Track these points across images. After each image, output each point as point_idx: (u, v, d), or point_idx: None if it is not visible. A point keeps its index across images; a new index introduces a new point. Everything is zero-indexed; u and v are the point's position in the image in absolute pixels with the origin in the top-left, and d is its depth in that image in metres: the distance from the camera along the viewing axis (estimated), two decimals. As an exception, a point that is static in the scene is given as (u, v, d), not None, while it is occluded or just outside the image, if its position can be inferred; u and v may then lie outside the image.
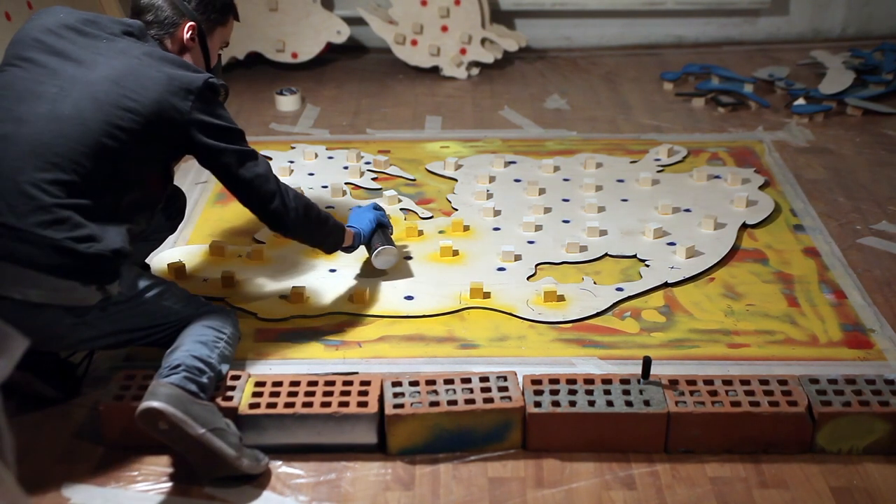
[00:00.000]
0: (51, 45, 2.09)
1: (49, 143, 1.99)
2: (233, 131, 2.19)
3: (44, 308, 2.00)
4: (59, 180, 1.98)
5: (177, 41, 2.23)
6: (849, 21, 4.63)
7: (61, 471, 2.05)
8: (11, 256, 1.95)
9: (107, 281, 2.03)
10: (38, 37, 2.11)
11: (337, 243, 2.49)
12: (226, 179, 2.23)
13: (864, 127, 3.69)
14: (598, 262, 2.77)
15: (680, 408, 2.06)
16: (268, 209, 2.26)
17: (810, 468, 2.05)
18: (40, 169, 1.98)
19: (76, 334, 2.09)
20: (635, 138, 3.60)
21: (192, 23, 2.23)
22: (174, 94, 2.08)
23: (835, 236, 2.90)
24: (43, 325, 2.02)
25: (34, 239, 1.95)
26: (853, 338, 2.44)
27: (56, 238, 1.95)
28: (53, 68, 2.07)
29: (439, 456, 2.09)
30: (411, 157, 3.43)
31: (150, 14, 2.21)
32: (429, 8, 4.17)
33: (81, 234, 1.98)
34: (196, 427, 1.93)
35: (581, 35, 4.60)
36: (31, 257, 1.95)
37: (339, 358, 2.37)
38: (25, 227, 1.94)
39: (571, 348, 2.41)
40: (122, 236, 2.05)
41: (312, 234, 2.42)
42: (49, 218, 1.96)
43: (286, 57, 4.27)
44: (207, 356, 2.08)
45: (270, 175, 2.24)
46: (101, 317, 2.08)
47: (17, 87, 2.06)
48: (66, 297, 2.00)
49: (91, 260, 1.99)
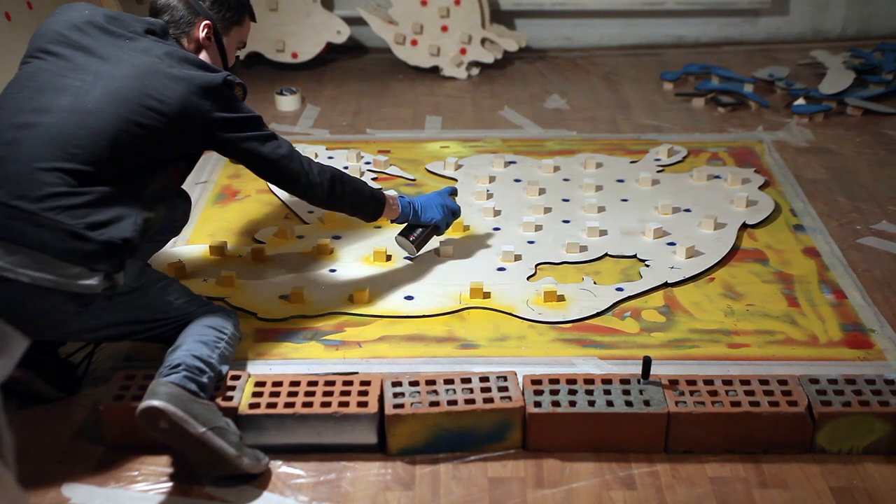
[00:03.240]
0: (75, 41, 2.13)
1: (70, 135, 2.03)
2: (252, 120, 2.25)
3: (49, 293, 2.00)
4: (77, 171, 2.01)
5: (193, 40, 2.28)
6: (849, 21, 4.63)
7: (61, 471, 2.05)
8: (23, 239, 1.96)
9: (114, 270, 2.04)
10: (62, 31, 2.14)
11: (376, 213, 2.53)
12: (252, 164, 2.30)
13: (864, 127, 3.69)
14: (598, 262, 2.77)
15: (680, 408, 2.06)
16: (297, 186, 2.34)
17: (810, 468, 2.05)
18: (59, 158, 2.01)
19: (78, 323, 2.09)
20: (635, 138, 3.60)
21: (207, 21, 2.28)
22: (196, 94, 2.12)
23: (835, 236, 2.90)
24: (46, 311, 2.02)
25: (46, 222, 1.97)
26: (853, 338, 2.44)
27: (68, 223, 1.97)
28: (77, 63, 2.11)
29: (439, 456, 2.09)
30: (411, 157, 3.43)
31: (167, 14, 2.26)
32: (429, 8, 4.18)
33: (95, 221, 2.00)
34: (196, 426, 1.93)
35: (581, 35, 4.60)
36: (42, 241, 1.97)
37: (339, 358, 2.37)
38: (38, 211, 1.97)
39: (571, 348, 2.41)
40: (136, 226, 2.07)
41: (344, 205, 2.47)
42: (62, 203, 1.98)
43: (286, 57, 4.28)
44: (208, 356, 2.08)
45: (294, 154, 2.31)
46: (105, 306, 2.09)
47: (39, 79, 2.09)
48: (72, 284, 2.01)
49: (102, 246, 2.00)
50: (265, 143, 2.27)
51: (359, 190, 2.47)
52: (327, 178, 2.36)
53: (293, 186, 2.35)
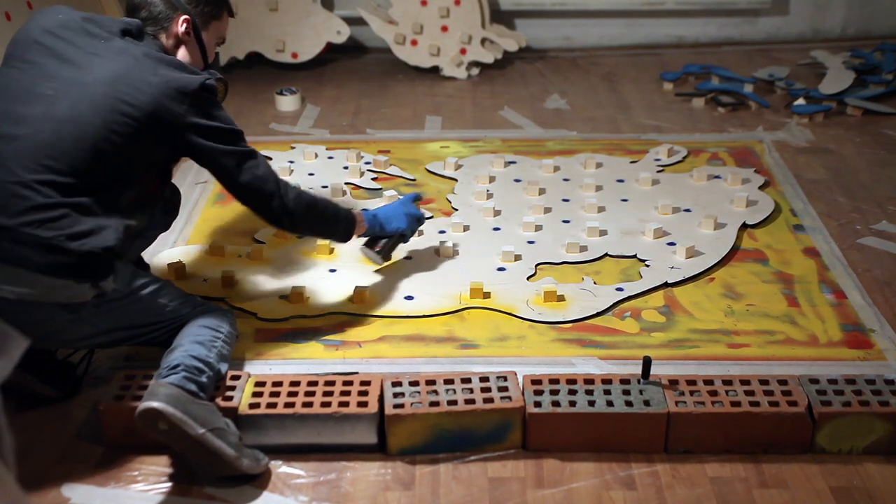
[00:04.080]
0: (49, 46, 2.09)
1: (45, 145, 2.00)
2: (230, 132, 2.17)
3: (38, 305, 2.00)
4: (54, 182, 1.99)
5: (172, 35, 2.22)
6: (849, 21, 4.63)
7: (61, 471, 2.05)
8: (3, 256, 1.96)
9: (100, 277, 2.04)
10: (36, 38, 2.11)
11: (348, 233, 2.45)
12: (224, 180, 2.22)
13: (864, 127, 3.69)
14: (598, 262, 2.77)
15: (680, 408, 2.06)
16: (266, 210, 2.25)
17: (810, 468, 2.05)
18: (34, 170, 1.98)
19: (72, 331, 2.09)
20: (635, 138, 3.60)
21: (185, 16, 2.22)
22: (170, 97, 2.07)
23: (835, 236, 2.90)
24: (38, 323, 2.02)
25: (25, 238, 1.95)
26: (853, 338, 2.44)
27: (47, 237, 1.96)
28: (49, 70, 2.06)
29: (439, 456, 2.09)
30: (411, 157, 3.43)
31: (144, 10, 2.20)
32: (429, 8, 4.17)
33: (74, 232, 1.98)
34: (196, 427, 1.93)
35: (581, 35, 4.60)
36: (23, 257, 1.96)
37: (339, 358, 2.37)
38: (16, 227, 1.95)
39: (571, 348, 2.41)
40: (117, 233, 2.04)
41: (317, 230, 2.44)
42: (41, 217, 1.96)
43: (286, 57, 4.27)
44: (206, 356, 2.08)
45: (270, 175, 2.22)
46: (96, 313, 2.09)
47: (13, 89, 2.06)
48: (59, 295, 2.01)
49: (83, 257, 1.99)
50: (242, 160, 2.18)
51: (334, 212, 2.39)
52: (303, 204, 2.27)
53: (263, 210, 2.25)
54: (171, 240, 2.87)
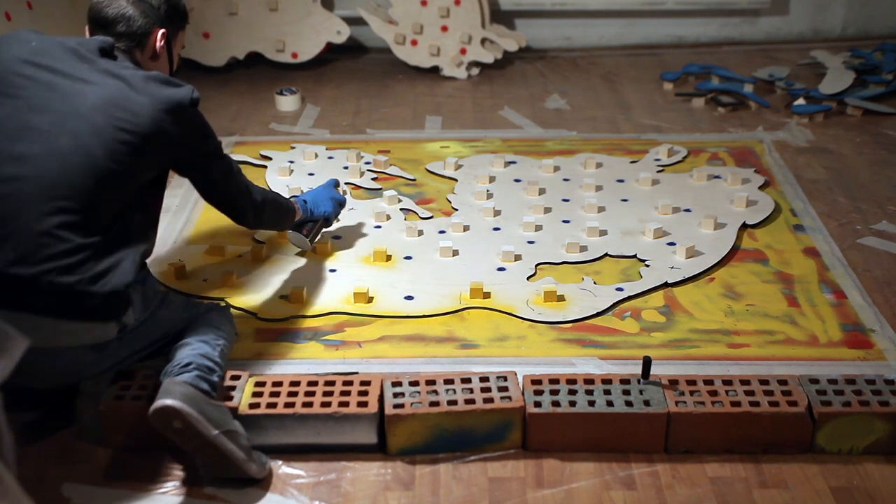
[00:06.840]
0: (30, 77, 1.99)
1: (55, 184, 1.93)
2: (217, 144, 2.21)
3: (65, 350, 1.98)
4: (69, 222, 1.93)
5: (148, 49, 2.16)
6: (849, 21, 4.63)
7: (61, 471, 2.05)
8: (28, 306, 1.91)
9: (122, 313, 2.03)
10: (14, 69, 2.00)
11: (292, 222, 2.60)
12: (206, 189, 2.26)
13: (864, 127, 3.69)
14: (598, 262, 2.77)
15: (680, 408, 2.06)
16: (240, 213, 2.34)
17: (810, 468, 2.05)
18: (49, 213, 1.92)
19: (97, 366, 2.07)
20: (635, 138, 3.60)
21: (163, 29, 2.16)
22: (165, 116, 2.02)
23: (835, 236, 2.90)
24: (65, 366, 2.01)
25: (49, 287, 1.91)
26: (853, 338, 2.44)
27: (70, 283, 1.91)
28: (38, 103, 1.97)
29: (439, 456, 2.09)
30: (411, 157, 3.43)
31: (122, 25, 2.10)
32: (429, 8, 4.18)
33: (95, 273, 1.94)
34: (210, 428, 1.92)
35: (581, 35, 4.60)
36: (48, 305, 1.92)
37: (339, 358, 2.37)
38: (37, 276, 1.90)
39: (571, 348, 2.41)
40: (134, 264, 2.02)
41: (273, 225, 2.58)
42: (61, 264, 1.91)
43: (286, 57, 4.27)
44: (213, 355, 2.08)
45: (245, 181, 2.31)
46: (119, 346, 2.07)
47: (6, 125, 1.97)
48: (86, 338, 1.99)
49: (106, 298, 1.96)
50: (228, 170, 2.24)
51: (281, 206, 2.50)
52: (269, 201, 2.40)
53: (236, 212, 2.32)
54: (172, 240, 2.87)
